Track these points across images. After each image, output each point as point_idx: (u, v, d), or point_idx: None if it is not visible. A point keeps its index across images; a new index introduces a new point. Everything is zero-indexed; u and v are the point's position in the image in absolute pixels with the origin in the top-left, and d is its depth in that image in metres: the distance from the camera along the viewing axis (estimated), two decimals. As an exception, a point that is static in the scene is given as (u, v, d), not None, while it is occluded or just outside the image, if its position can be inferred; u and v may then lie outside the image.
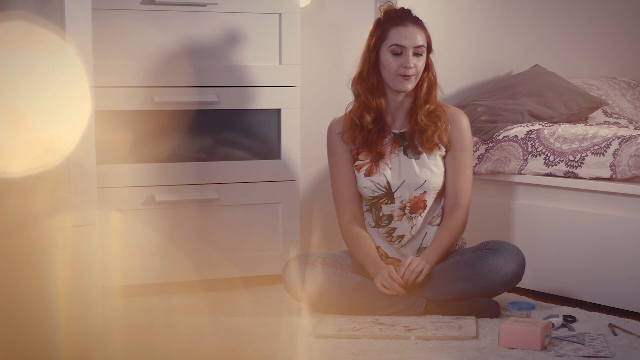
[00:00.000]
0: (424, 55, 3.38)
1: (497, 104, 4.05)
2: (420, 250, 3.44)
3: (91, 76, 2.92)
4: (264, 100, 3.74)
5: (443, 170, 3.42)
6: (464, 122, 3.45)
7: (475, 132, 3.88)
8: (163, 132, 3.62)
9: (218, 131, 3.71)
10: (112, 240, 3.52)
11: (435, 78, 3.43)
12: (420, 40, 3.36)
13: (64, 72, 2.84)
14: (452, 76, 4.21)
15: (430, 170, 3.40)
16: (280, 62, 3.75)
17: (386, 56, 3.36)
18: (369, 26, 3.45)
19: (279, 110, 3.77)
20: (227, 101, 3.68)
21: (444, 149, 3.42)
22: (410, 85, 3.37)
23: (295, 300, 3.37)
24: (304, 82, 4.04)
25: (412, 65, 3.33)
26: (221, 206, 3.70)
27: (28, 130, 2.75)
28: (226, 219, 3.70)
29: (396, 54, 3.35)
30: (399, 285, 3.28)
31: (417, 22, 3.39)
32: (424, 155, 3.40)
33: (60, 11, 2.84)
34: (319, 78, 4.19)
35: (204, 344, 2.99)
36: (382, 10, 3.43)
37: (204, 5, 3.62)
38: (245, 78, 3.70)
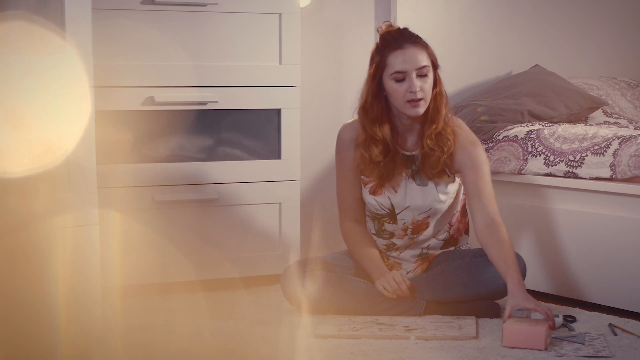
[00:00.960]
0: (430, 74, 3.25)
1: (497, 104, 4.05)
2: (421, 255, 3.43)
3: (91, 76, 2.92)
4: (264, 100, 3.74)
5: (451, 196, 3.38)
6: (477, 147, 3.32)
7: (475, 132, 3.87)
8: (163, 132, 3.62)
9: (218, 131, 3.71)
10: (112, 240, 3.52)
11: (444, 94, 3.31)
12: (422, 60, 3.23)
13: (64, 72, 2.84)
14: (452, 76, 4.19)
15: (436, 198, 3.34)
16: (280, 62, 3.75)
17: (390, 84, 3.25)
18: (369, 26, 3.44)
19: (279, 110, 3.77)
20: (227, 101, 3.68)
21: (453, 175, 3.36)
22: (420, 110, 3.25)
23: (295, 307, 3.35)
24: (304, 82, 4.04)
25: (417, 88, 3.21)
26: (221, 206, 3.70)
27: (28, 130, 2.75)
28: (226, 219, 3.70)
29: (399, 81, 3.23)
30: (404, 289, 3.26)
31: (416, 41, 3.25)
32: (433, 181, 3.34)
33: (60, 11, 2.84)
34: (319, 78, 4.19)
35: (203, 344, 2.99)
36: (379, 33, 3.31)
37: (204, 5, 3.62)
38: (245, 78, 3.70)
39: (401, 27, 3.33)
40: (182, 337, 3.05)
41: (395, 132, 3.35)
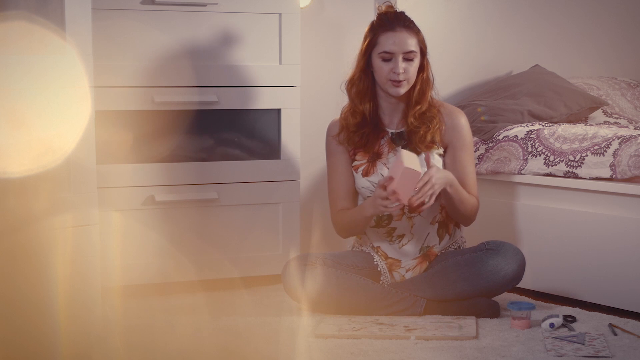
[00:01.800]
0: (416, 59, 3.35)
1: (497, 104, 4.05)
2: (422, 250, 3.44)
3: (91, 76, 2.92)
4: (264, 100, 3.74)
5: (441, 168, 3.42)
6: (462, 120, 3.44)
7: (475, 132, 3.88)
8: (163, 132, 3.62)
9: (218, 131, 3.71)
10: (112, 240, 3.52)
11: (430, 79, 3.40)
12: (411, 45, 3.34)
13: (64, 72, 2.84)
14: (452, 76, 4.21)
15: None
16: (280, 62, 3.75)
17: (377, 61, 3.36)
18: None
19: (279, 110, 3.77)
20: (227, 101, 3.68)
21: (442, 148, 3.42)
22: (402, 90, 3.36)
23: (295, 301, 3.37)
24: (304, 82, 4.04)
25: (401, 70, 3.32)
26: (221, 206, 3.70)
27: (28, 130, 2.75)
28: (226, 219, 3.71)
29: (386, 60, 3.34)
30: (385, 184, 3.21)
31: (409, 26, 3.36)
32: (422, 154, 3.39)
33: (60, 11, 2.84)
34: (319, 78, 4.19)
35: (204, 344, 2.99)
36: (377, 12, 3.42)
37: (204, 5, 3.62)
38: (245, 78, 3.70)
39: (399, 10, 3.42)
40: (182, 337, 3.06)
41: (381, 111, 3.44)
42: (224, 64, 3.67)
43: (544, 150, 3.65)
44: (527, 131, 3.76)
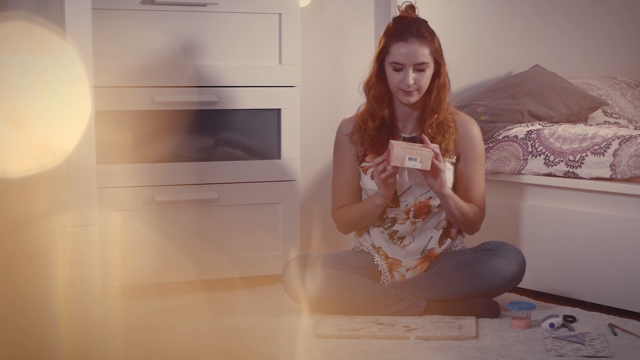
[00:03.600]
0: (429, 69, 3.33)
1: (497, 104, 4.05)
2: (424, 252, 3.43)
3: (91, 76, 2.92)
4: (264, 100, 3.74)
5: (452, 177, 3.40)
6: (475, 131, 3.43)
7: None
8: (163, 132, 3.62)
9: (218, 131, 3.71)
10: (112, 240, 3.52)
11: (446, 85, 3.38)
12: (422, 56, 3.31)
13: (64, 72, 2.84)
14: (452, 76, 4.17)
15: None
16: (280, 62, 3.75)
17: (388, 70, 3.35)
18: (369, 26, 3.45)
19: (279, 110, 3.77)
20: (227, 101, 3.68)
21: (455, 157, 3.41)
22: (412, 99, 3.34)
23: (295, 301, 3.37)
24: (304, 82, 4.04)
25: (411, 82, 3.30)
26: (221, 206, 3.70)
27: (28, 130, 2.75)
28: (226, 219, 3.71)
29: (397, 70, 3.33)
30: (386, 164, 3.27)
31: (422, 35, 3.32)
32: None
33: (60, 11, 2.84)
34: (319, 78, 4.19)
35: (204, 344, 2.99)
36: (397, 14, 3.40)
37: (204, 5, 3.62)
38: (245, 78, 3.70)
39: (418, 15, 3.39)
40: (182, 337, 3.06)
41: (395, 116, 3.42)
42: (224, 64, 3.67)
43: (544, 150, 3.65)
44: (527, 131, 3.76)
